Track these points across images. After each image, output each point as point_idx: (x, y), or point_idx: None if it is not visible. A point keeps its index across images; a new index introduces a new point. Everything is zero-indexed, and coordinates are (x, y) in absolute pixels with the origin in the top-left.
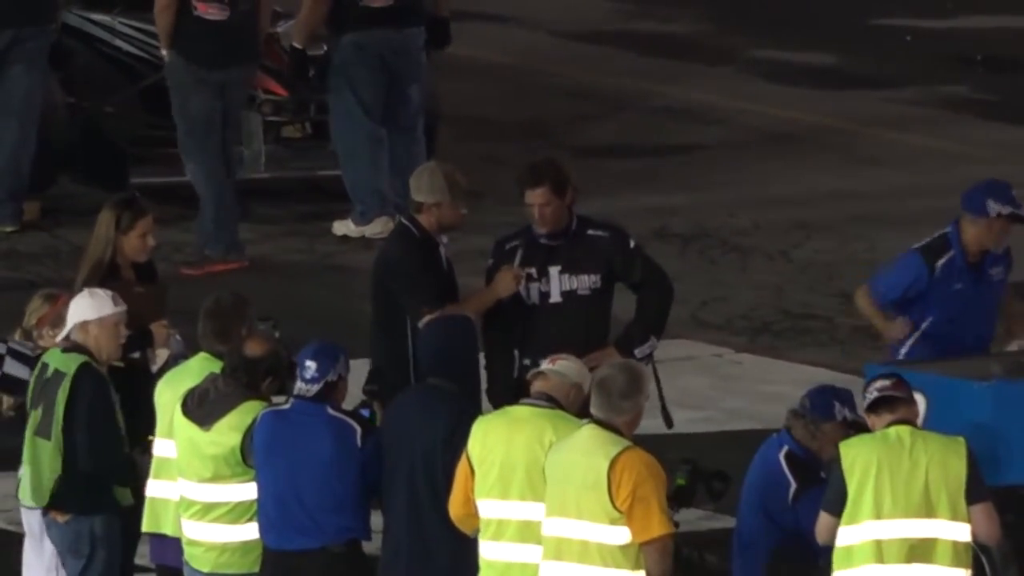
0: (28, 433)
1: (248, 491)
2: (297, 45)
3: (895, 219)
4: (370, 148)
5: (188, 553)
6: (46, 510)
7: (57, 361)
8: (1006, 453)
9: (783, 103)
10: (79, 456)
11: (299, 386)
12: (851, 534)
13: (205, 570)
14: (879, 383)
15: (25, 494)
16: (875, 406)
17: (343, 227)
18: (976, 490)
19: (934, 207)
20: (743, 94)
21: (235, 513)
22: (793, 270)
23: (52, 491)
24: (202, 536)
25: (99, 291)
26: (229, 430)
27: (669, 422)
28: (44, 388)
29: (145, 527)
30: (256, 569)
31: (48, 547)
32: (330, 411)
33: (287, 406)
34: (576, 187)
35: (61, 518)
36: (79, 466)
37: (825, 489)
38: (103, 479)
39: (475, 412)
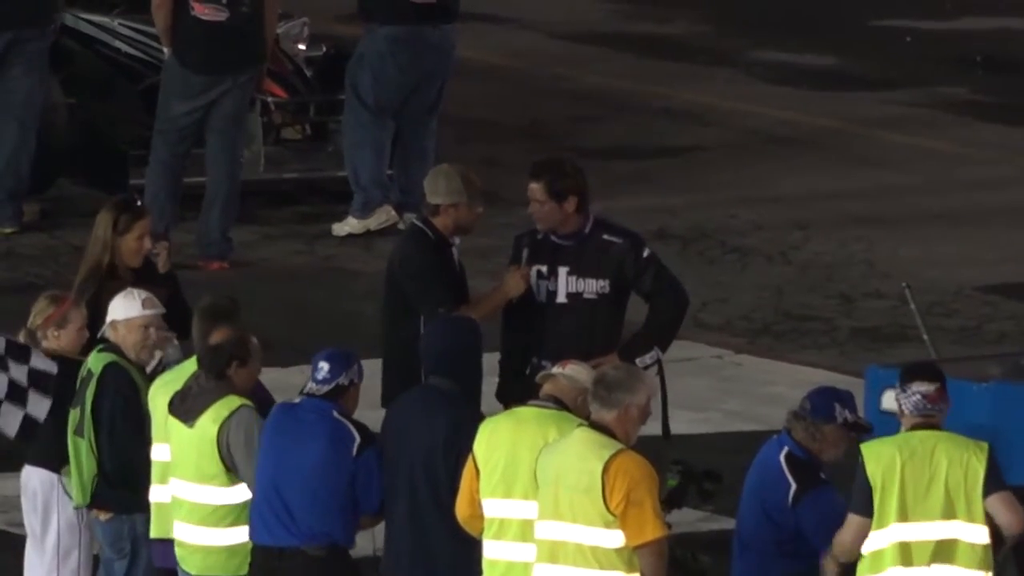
0: (69, 432)
1: (232, 495)
2: None
3: (895, 220)
4: (376, 138)
5: (179, 554)
6: (89, 508)
7: (92, 360)
8: (1006, 454)
9: (783, 104)
10: (104, 456)
11: (310, 385)
12: (877, 538)
13: (193, 572)
14: (923, 387)
15: (75, 493)
16: (912, 409)
17: (344, 227)
18: (993, 483)
19: (934, 208)
20: (742, 95)
21: (217, 515)
22: (793, 271)
23: (92, 490)
24: (189, 538)
25: (134, 292)
26: (209, 423)
27: (667, 433)
28: (81, 387)
29: (153, 533)
30: (243, 572)
31: (49, 547)
32: (335, 414)
33: (297, 402)
34: (586, 196)
35: (103, 516)
36: (104, 466)
37: (825, 490)
38: (137, 477)
39: (475, 413)
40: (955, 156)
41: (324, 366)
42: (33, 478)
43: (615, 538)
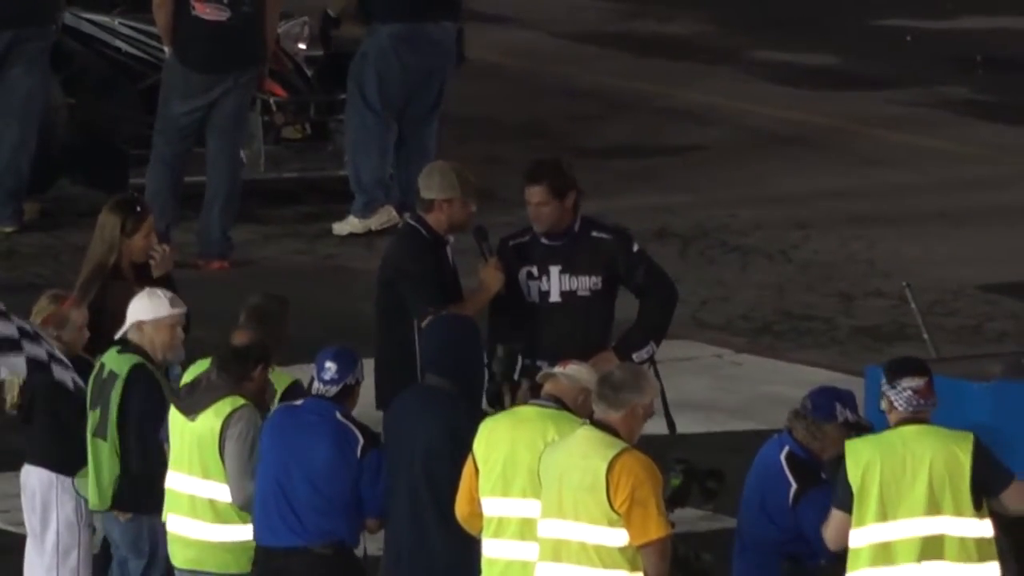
0: (88, 434)
1: (226, 492)
2: (331, 13)
3: (895, 219)
4: (381, 139)
5: (170, 548)
6: (109, 509)
7: (112, 362)
8: (1006, 453)
9: (783, 103)
10: (131, 457)
11: (317, 386)
12: (858, 536)
13: (183, 567)
14: (914, 382)
15: (91, 495)
16: (905, 404)
17: (345, 226)
18: (996, 480)
19: (934, 207)
20: (743, 95)
21: (215, 511)
22: (793, 270)
23: (113, 491)
24: (181, 530)
25: (158, 291)
26: (213, 418)
27: (672, 427)
28: (101, 389)
29: (166, 517)
30: (231, 570)
31: (49, 547)
32: (339, 416)
33: (299, 403)
34: (581, 190)
35: (122, 517)
36: (131, 467)
37: (826, 490)
38: (161, 479)
39: (473, 412)
40: (955, 155)
41: (331, 366)
42: (32, 477)
43: (619, 537)
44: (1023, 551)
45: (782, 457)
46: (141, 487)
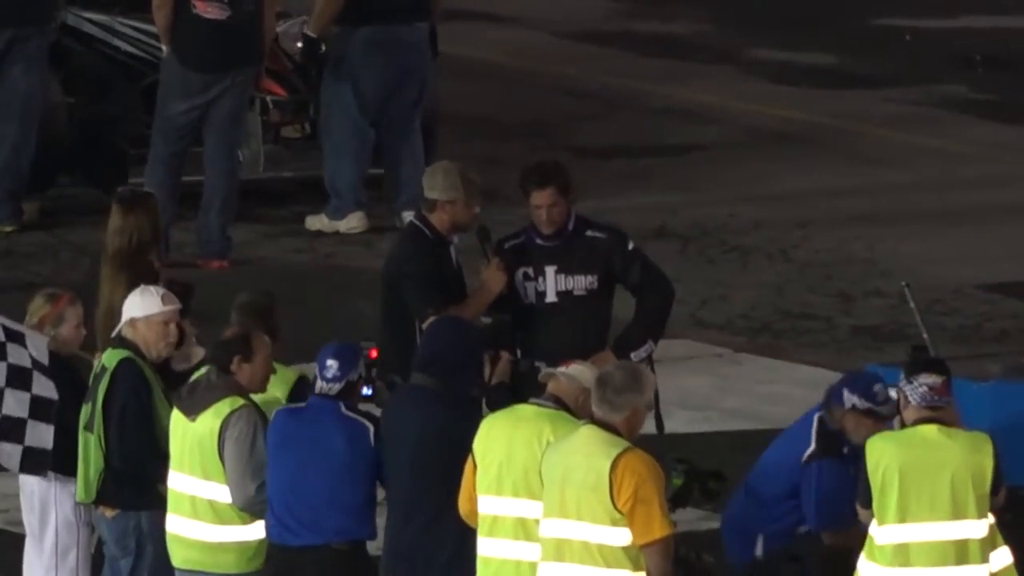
0: (80, 427)
1: (226, 493)
2: (310, 34)
3: (895, 218)
4: (356, 143)
5: (170, 549)
6: (95, 504)
7: (107, 357)
8: (1005, 453)
9: (783, 103)
10: (112, 451)
11: (320, 385)
12: (879, 533)
13: (183, 567)
14: (930, 379)
15: (79, 488)
16: (919, 400)
17: (317, 222)
18: (999, 485)
19: (933, 206)
20: (743, 94)
21: (216, 511)
22: (793, 270)
23: (98, 486)
24: (181, 531)
25: (151, 289)
26: (212, 419)
27: (660, 427)
28: (93, 383)
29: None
30: (232, 570)
31: (48, 547)
32: (343, 410)
33: (303, 405)
34: (575, 188)
35: (109, 513)
36: (113, 462)
37: (840, 465)
38: (144, 474)
39: (460, 411)
40: (954, 154)
41: (333, 364)
42: (31, 477)
43: (622, 536)
44: (1023, 549)
45: (816, 418)
46: (126, 483)
